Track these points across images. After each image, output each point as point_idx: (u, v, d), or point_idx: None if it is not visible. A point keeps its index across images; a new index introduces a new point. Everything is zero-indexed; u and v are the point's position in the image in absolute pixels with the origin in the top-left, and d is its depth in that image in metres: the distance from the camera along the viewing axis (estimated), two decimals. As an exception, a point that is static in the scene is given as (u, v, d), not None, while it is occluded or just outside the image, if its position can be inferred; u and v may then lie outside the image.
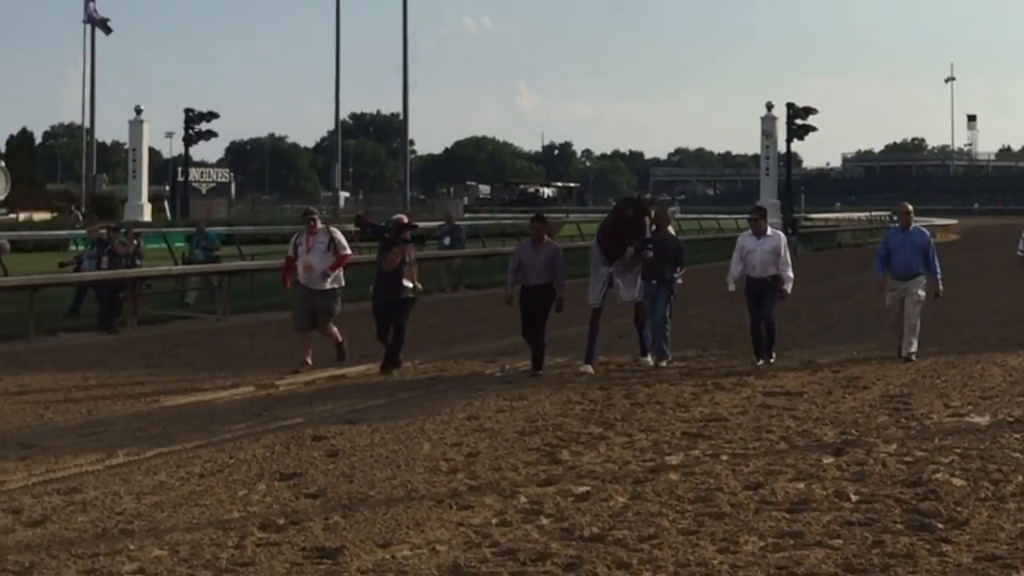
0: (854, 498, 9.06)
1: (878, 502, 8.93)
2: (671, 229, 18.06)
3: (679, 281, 16.88)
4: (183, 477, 10.11)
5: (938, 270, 16.68)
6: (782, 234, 16.86)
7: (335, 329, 16.46)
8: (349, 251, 16.91)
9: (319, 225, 16.60)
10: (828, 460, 10.46)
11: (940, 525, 8.26)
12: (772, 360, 16.21)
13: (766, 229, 16.33)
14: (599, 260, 16.42)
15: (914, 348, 16.38)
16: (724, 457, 10.65)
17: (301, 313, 16.47)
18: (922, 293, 16.53)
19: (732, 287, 16.57)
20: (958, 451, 10.71)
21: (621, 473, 10.07)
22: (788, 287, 16.19)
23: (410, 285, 16.18)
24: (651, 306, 16.31)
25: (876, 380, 14.98)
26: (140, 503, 9.24)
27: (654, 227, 16.11)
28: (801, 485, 9.53)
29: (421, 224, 34.74)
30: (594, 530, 8.26)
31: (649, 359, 16.29)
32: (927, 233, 17.36)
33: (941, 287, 16.78)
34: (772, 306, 16.21)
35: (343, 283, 16.83)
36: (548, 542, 8.00)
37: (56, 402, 14.05)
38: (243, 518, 8.76)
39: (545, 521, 8.55)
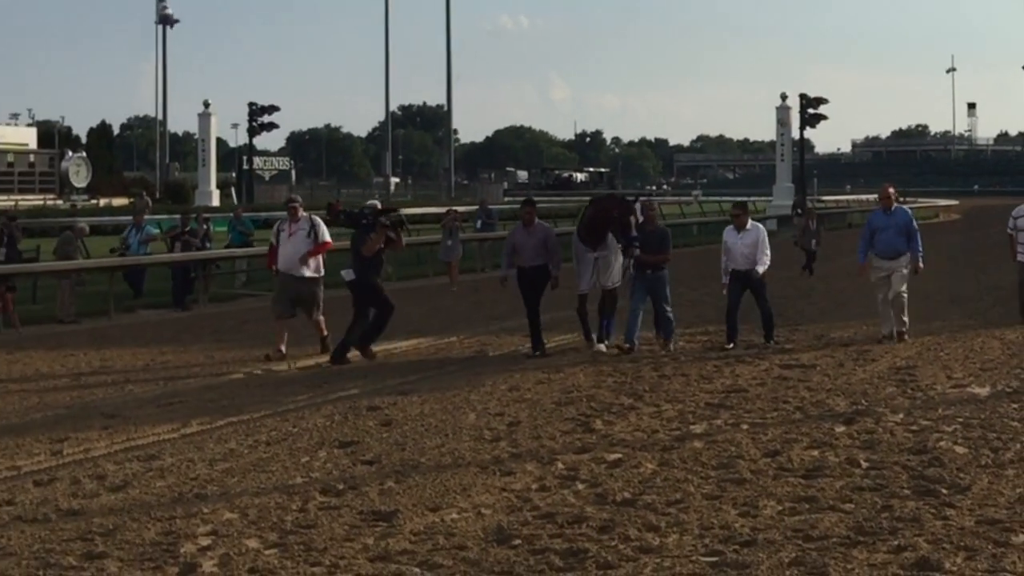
0: (864, 465, 9.02)
1: (886, 469, 8.88)
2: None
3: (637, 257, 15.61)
4: (251, 445, 10.16)
5: (919, 248, 15.88)
6: (762, 227, 16.24)
7: (322, 320, 15.48)
8: (329, 239, 15.69)
9: (301, 213, 15.54)
10: (840, 429, 10.40)
11: (944, 490, 8.20)
12: (773, 342, 15.77)
13: (747, 223, 15.79)
14: (583, 248, 15.61)
15: (905, 321, 15.84)
16: (744, 426, 10.61)
17: (282, 300, 15.54)
18: (905, 271, 15.83)
19: (725, 279, 15.95)
20: (960, 420, 10.65)
21: (650, 441, 10.08)
22: (761, 268, 15.63)
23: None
24: (642, 298, 15.42)
25: (884, 353, 14.88)
26: (212, 469, 9.29)
27: (642, 219, 15.46)
28: (815, 452, 9.49)
29: (462, 208, 34.80)
30: (625, 495, 8.25)
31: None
32: (909, 212, 16.71)
33: (921, 264, 15.94)
34: (762, 297, 15.85)
35: (323, 272, 15.68)
36: (583, 506, 8.01)
37: (135, 375, 14.15)
38: (305, 483, 8.79)
39: (581, 486, 8.55)
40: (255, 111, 79.96)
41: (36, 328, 19.58)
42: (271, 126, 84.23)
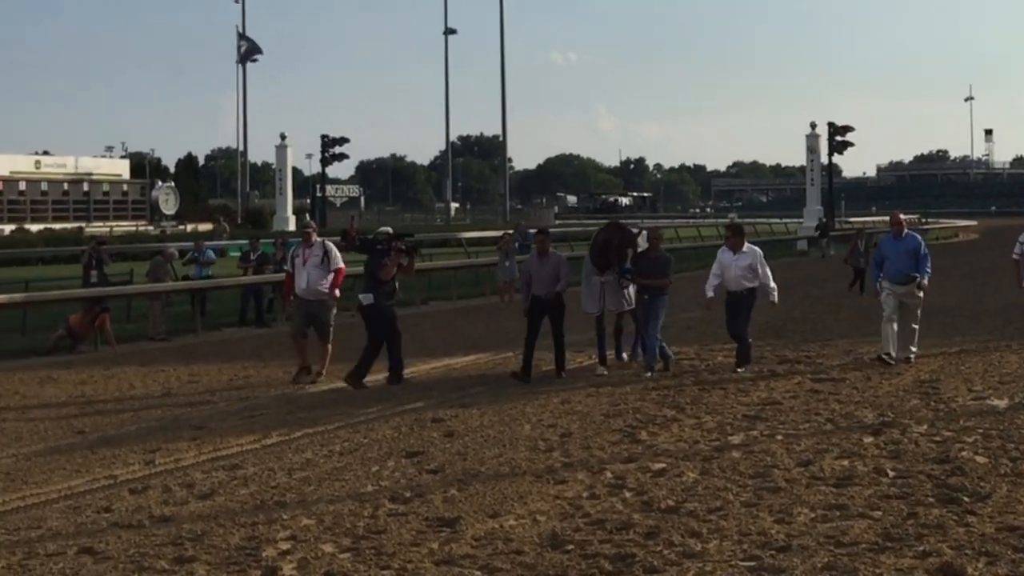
0: (891, 474, 8.93)
1: (911, 477, 8.80)
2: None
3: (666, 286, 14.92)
4: (326, 455, 10.20)
5: (927, 270, 14.95)
6: (758, 249, 15.19)
7: (329, 349, 14.77)
8: (342, 265, 14.94)
9: (315, 238, 14.90)
10: (868, 439, 10.30)
11: (966, 499, 8.11)
12: (742, 371, 14.59)
13: (742, 246, 14.91)
14: (591, 271, 15.06)
15: (913, 350, 15.00)
16: (779, 437, 10.55)
17: (300, 321, 14.92)
18: (920, 295, 15.04)
19: (710, 293, 15.02)
20: (980, 431, 10.51)
21: (691, 451, 10.03)
22: (774, 296, 14.93)
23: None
24: (643, 318, 14.67)
25: (908, 367, 14.75)
26: (291, 478, 9.34)
27: (647, 246, 14.96)
28: (845, 462, 9.41)
29: (511, 231, 34.72)
30: (669, 503, 8.22)
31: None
32: (918, 237, 15.57)
33: (926, 282, 14.98)
34: (745, 323, 14.85)
35: (338, 295, 15.11)
36: (631, 513, 7.99)
37: (220, 389, 14.26)
38: (376, 491, 8.82)
39: (628, 494, 8.53)
40: (327, 142, 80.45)
41: (130, 345, 19.78)
42: (342, 156, 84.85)
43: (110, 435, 11.48)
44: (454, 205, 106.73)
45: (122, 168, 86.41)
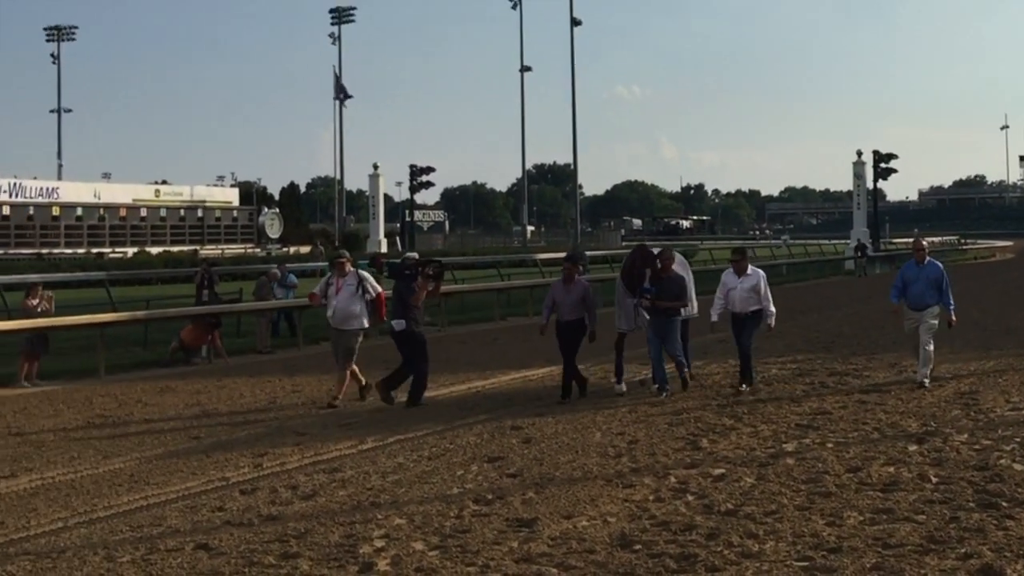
0: (934, 480, 8.79)
1: (953, 483, 8.65)
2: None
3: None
4: (415, 459, 10.25)
5: (951, 301, 13.99)
6: (761, 272, 14.20)
7: (347, 375, 13.91)
8: (381, 290, 14.09)
9: (349, 268, 14.01)
10: (912, 448, 10.16)
11: (1004, 503, 7.97)
12: (752, 386, 13.88)
13: (747, 268, 13.98)
14: (623, 292, 14.18)
15: (927, 376, 13.87)
16: (829, 445, 10.42)
17: (337, 350, 14.11)
18: (935, 322, 13.93)
19: (715, 318, 14.17)
20: (1018, 440, 10.30)
21: (748, 458, 9.94)
22: (771, 320, 14.00)
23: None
24: (657, 340, 13.70)
25: (950, 379, 14.51)
26: (384, 480, 9.39)
27: (660, 267, 13.81)
28: (891, 469, 9.28)
29: (588, 253, 34.59)
30: (729, 506, 8.17)
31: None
32: (940, 266, 14.40)
33: (954, 317, 14.13)
34: (749, 340, 13.91)
35: (367, 324, 14.11)
36: (693, 515, 7.94)
37: (321, 398, 14.38)
38: (460, 493, 8.85)
39: (691, 498, 8.48)
40: (415, 171, 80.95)
41: (240, 358, 20.06)
42: (428, 184, 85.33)
43: (222, 440, 11.64)
44: (530, 228, 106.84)
45: (232, 196, 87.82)
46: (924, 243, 14.94)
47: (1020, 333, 20.65)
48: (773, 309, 13.96)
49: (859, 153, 66.06)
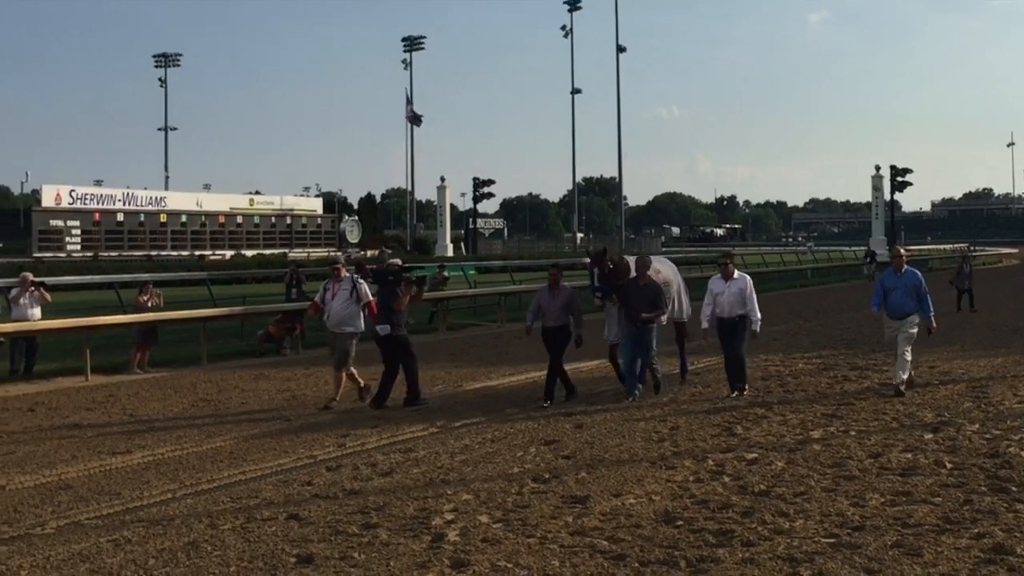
0: (949, 466, 8.65)
1: (967, 469, 8.51)
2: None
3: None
4: (480, 442, 10.26)
5: (931, 308, 12.81)
6: (748, 277, 12.83)
7: (345, 374, 12.95)
8: (372, 298, 12.97)
9: (344, 274, 13.14)
10: (928, 436, 9.99)
11: (1014, 488, 7.83)
12: (745, 392, 12.66)
13: (733, 273, 12.67)
14: (608, 302, 12.93)
15: (903, 381, 12.55)
16: (852, 433, 10.28)
17: (333, 353, 13.23)
18: (913, 331, 12.69)
19: (705, 324, 12.83)
20: (1026, 430, 10.14)
21: (779, 444, 9.83)
22: (756, 326, 12.64)
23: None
24: (631, 347, 12.53)
25: (962, 374, 14.28)
26: (453, 460, 9.41)
27: (634, 274, 12.66)
28: (909, 455, 9.14)
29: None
30: (761, 487, 8.10)
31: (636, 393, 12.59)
32: (919, 274, 13.05)
33: (934, 324, 12.97)
34: (741, 343, 12.61)
35: (362, 328, 13.08)
36: (729, 495, 7.89)
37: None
38: (520, 472, 8.84)
39: (727, 479, 8.41)
40: (477, 184, 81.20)
41: (321, 350, 20.13)
42: (489, 195, 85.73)
43: (310, 423, 11.69)
44: (579, 235, 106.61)
45: (316, 205, 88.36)
46: (902, 251, 13.67)
47: (1026, 333, 20.27)
48: (759, 315, 12.67)
49: (877, 167, 65.58)
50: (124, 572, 6.30)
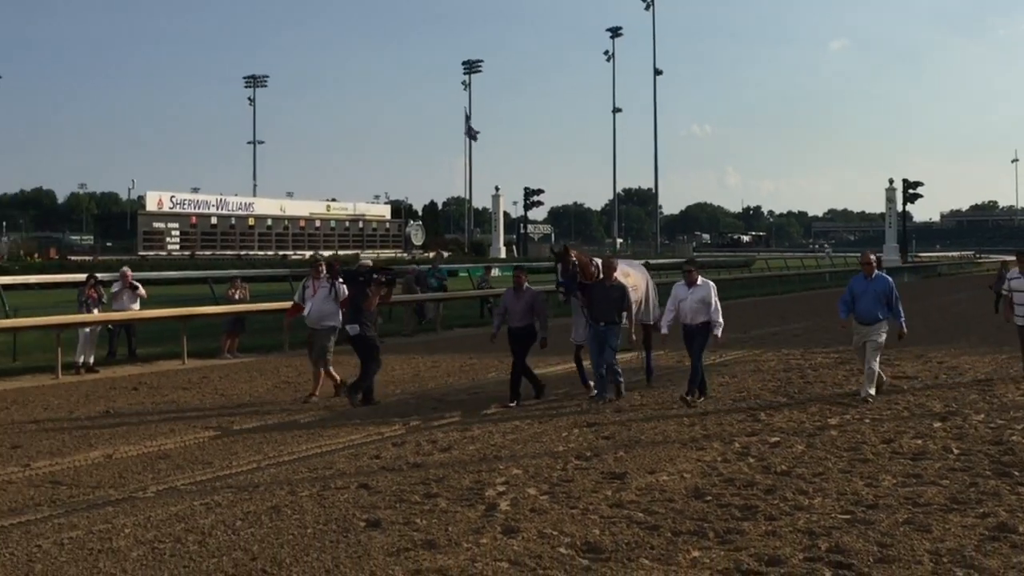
0: (956, 452, 8.48)
1: (972, 455, 8.34)
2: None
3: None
4: (529, 423, 10.22)
5: (901, 314, 11.45)
6: (711, 283, 11.51)
7: (331, 369, 12.20)
8: (345, 296, 12.08)
9: (323, 272, 12.26)
10: (937, 424, 9.81)
11: (1016, 472, 7.65)
12: (700, 399, 11.27)
13: (697, 280, 11.35)
14: (579, 303, 11.89)
15: (871, 393, 11.30)
16: (867, 420, 10.12)
17: (313, 349, 12.32)
18: (881, 339, 11.39)
19: (664, 330, 11.63)
20: (1027, 421, 9.91)
21: (799, 429, 9.70)
22: (718, 332, 11.25)
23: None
24: (597, 348, 11.40)
25: (968, 369, 14.01)
26: (504, 439, 9.39)
27: (600, 276, 11.61)
28: (919, 441, 8.97)
29: (665, 261, 34.05)
30: (783, 467, 7.98)
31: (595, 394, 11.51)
32: (889, 280, 11.65)
33: (905, 330, 11.49)
34: (700, 351, 11.28)
35: (340, 323, 12.15)
36: (754, 474, 7.79)
37: (454, 373, 14.47)
38: (565, 451, 8.79)
39: (752, 460, 8.31)
40: (528, 193, 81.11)
41: (389, 340, 20.24)
42: (538, 203, 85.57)
43: (377, 404, 11.68)
44: (619, 240, 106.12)
45: (385, 211, 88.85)
46: (872, 256, 12.03)
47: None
48: (721, 321, 11.31)
49: (891, 181, 64.64)
50: (214, 531, 6.36)
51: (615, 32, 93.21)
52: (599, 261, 11.96)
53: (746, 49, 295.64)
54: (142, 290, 17.01)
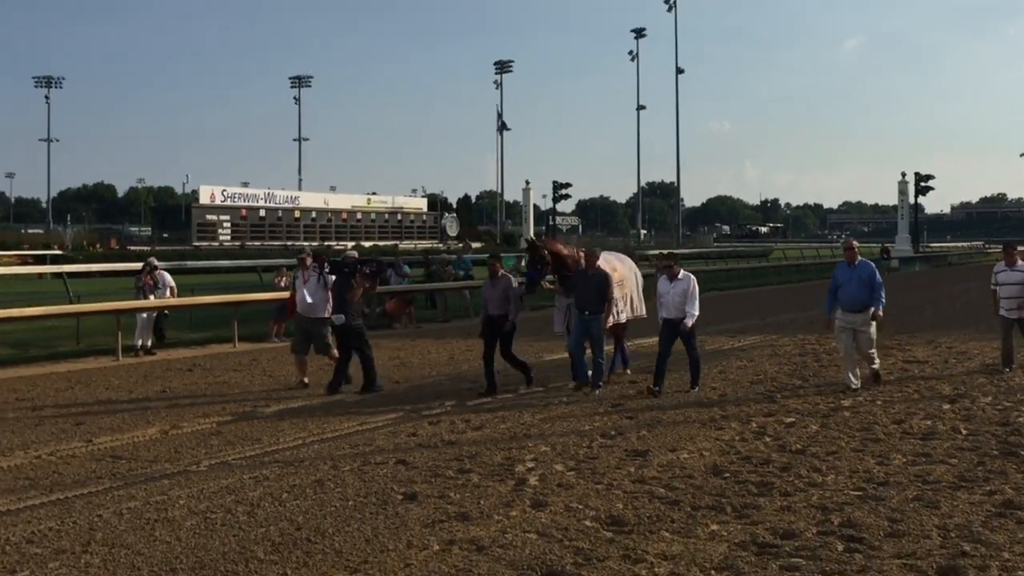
0: (964, 432, 8.38)
1: (980, 435, 8.23)
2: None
3: (609, 320, 11.15)
4: (556, 403, 10.20)
5: (881, 298, 10.77)
6: (692, 276, 10.87)
7: (335, 352, 11.58)
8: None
9: (310, 262, 11.67)
10: (946, 406, 9.69)
11: (1022, 452, 7.53)
12: (696, 389, 10.79)
13: (678, 274, 10.77)
14: (558, 294, 11.48)
15: (876, 364, 11.09)
16: (879, 402, 10.01)
17: (300, 338, 11.72)
18: (872, 332, 10.83)
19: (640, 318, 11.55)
20: (1034, 403, 9.76)
21: (813, 410, 9.62)
22: (689, 321, 10.62)
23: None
24: (579, 337, 10.85)
25: (977, 354, 13.79)
26: (533, 418, 9.39)
27: (583, 264, 10.97)
28: (929, 422, 8.87)
29: (685, 251, 33.78)
30: (798, 446, 7.93)
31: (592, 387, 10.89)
32: (872, 265, 11.03)
33: (880, 312, 10.77)
34: (691, 346, 10.87)
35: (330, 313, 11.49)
36: (770, 453, 7.74)
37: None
38: (591, 430, 8.78)
39: (768, 439, 8.26)
40: (556, 186, 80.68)
41: (428, 325, 20.33)
42: (566, 196, 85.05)
43: (416, 384, 11.78)
44: (643, 232, 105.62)
45: (422, 204, 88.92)
46: (854, 244, 11.41)
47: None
48: (695, 312, 10.71)
49: (903, 174, 63.59)
50: (263, 503, 6.42)
51: (639, 33, 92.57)
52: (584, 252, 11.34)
53: (764, 48, 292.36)
54: (171, 281, 16.61)
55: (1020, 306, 11.91)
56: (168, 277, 16.70)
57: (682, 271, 10.94)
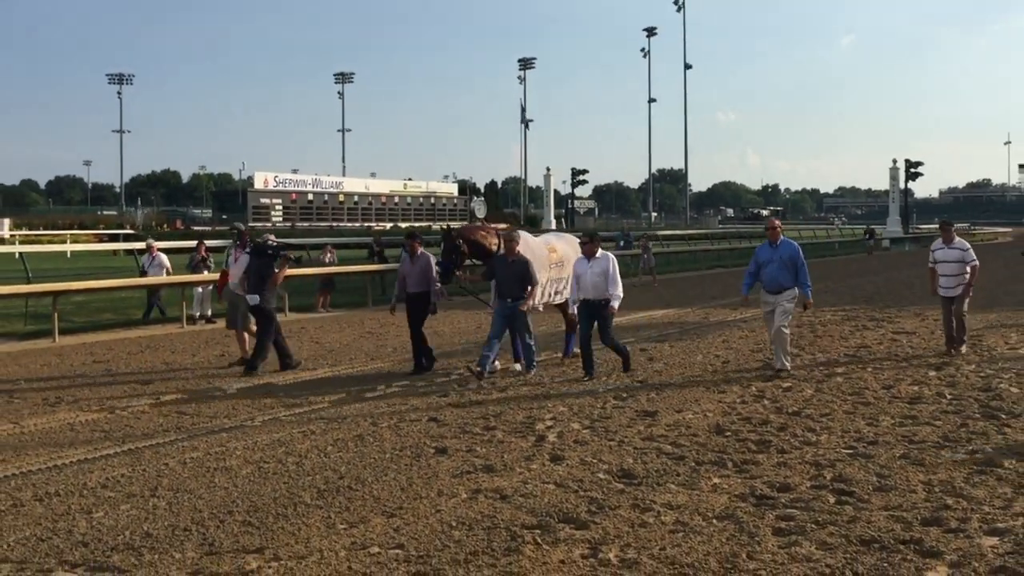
0: (948, 397, 8.26)
1: (963, 400, 8.11)
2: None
3: (530, 303, 9.79)
4: (573, 368, 10.10)
5: (808, 282, 9.51)
6: (611, 255, 9.63)
7: (241, 336, 10.82)
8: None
9: (243, 241, 10.95)
10: (932, 373, 9.55)
11: (1003, 416, 7.41)
12: (630, 373, 9.64)
13: (595, 252, 9.50)
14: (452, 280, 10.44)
15: (786, 365, 9.55)
16: (869, 369, 9.89)
17: (232, 314, 10.89)
18: (791, 306, 9.52)
19: (572, 309, 10.20)
20: (1014, 371, 9.57)
21: (809, 376, 9.51)
22: (615, 304, 9.43)
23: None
24: (501, 323, 9.70)
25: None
26: (552, 381, 9.37)
27: (502, 250, 9.88)
28: (916, 387, 8.75)
29: (694, 231, 33.50)
30: (794, 409, 7.84)
31: (517, 366, 10.05)
32: (796, 245, 9.71)
33: (810, 299, 9.68)
34: (608, 331, 9.60)
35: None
36: (768, 414, 7.67)
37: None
38: (604, 392, 8.75)
39: (766, 402, 8.18)
40: (575, 173, 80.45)
41: (456, 299, 20.21)
42: (584, 182, 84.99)
43: (447, 351, 11.73)
44: (654, 214, 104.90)
45: (453, 189, 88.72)
46: (777, 223, 10.00)
47: (1017, 294, 19.22)
48: (620, 293, 9.52)
49: (894, 161, 62.84)
50: (309, 455, 6.46)
51: (650, 32, 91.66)
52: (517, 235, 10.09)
53: (767, 46, 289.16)
54: (166, 261, 16.15)
55: (959, 283, 10.75)
56: (164, 258, 16.17)
57: (600, 250, 9.63)
